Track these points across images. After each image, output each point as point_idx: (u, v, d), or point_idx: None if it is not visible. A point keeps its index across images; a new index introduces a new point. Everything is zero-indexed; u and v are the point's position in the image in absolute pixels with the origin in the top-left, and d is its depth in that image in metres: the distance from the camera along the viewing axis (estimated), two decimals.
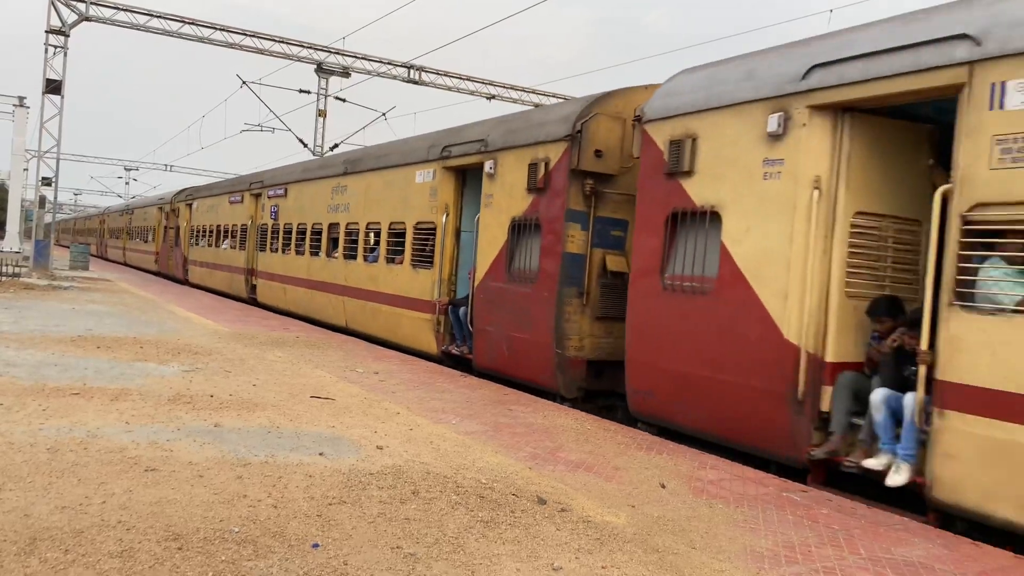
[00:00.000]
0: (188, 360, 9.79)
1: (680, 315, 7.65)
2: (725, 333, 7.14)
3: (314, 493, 4.92)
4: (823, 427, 6.46)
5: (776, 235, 6.69)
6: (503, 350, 10.36)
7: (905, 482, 5.75)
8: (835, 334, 6.46)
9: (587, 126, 9.13)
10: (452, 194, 11.90)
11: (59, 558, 3.66)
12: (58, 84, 26.20)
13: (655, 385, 7.95)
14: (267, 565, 3.77)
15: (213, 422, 6.60)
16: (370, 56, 31.45)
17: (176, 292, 23.21)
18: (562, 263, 9.31)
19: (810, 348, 6.47)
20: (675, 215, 7.78)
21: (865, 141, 6.50)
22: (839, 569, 4.41)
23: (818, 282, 6.45)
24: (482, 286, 10.85)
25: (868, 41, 6.26)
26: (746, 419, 6.91)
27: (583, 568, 4.11)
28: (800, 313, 6.48)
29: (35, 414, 6.36)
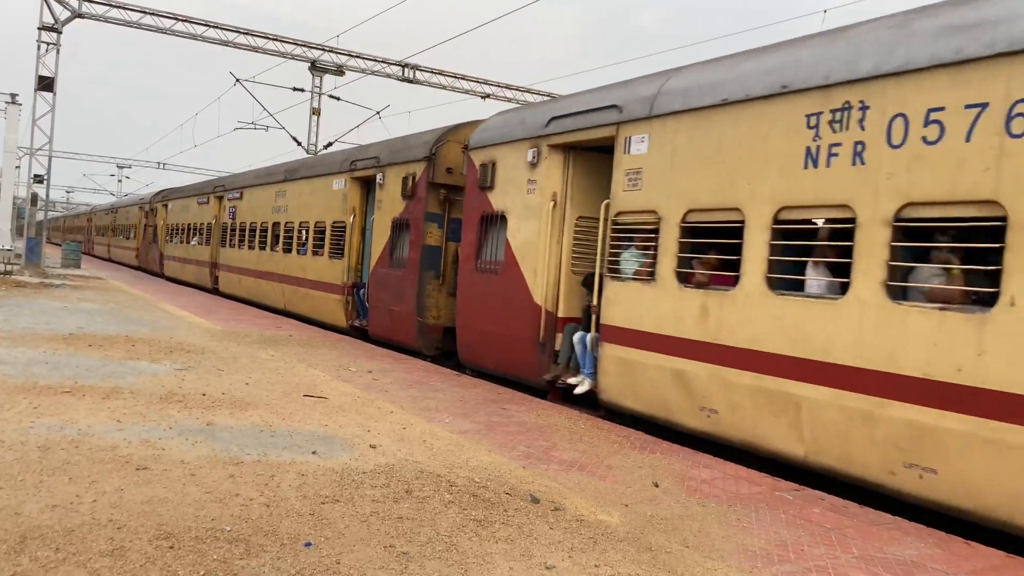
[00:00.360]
0: (181, 358, 9.75)
1: (484, 290, 10.72)
2: (506, 300, 10.18)
3: (307, 492, 4.91)
4: (555, 361, 9.52)
5: (533, 231, 9.76)
6: (387, 321, 13.27)
7: (587, 391, 8.80)
8: (563, 298, 9.60)
9: (440, 150, 12.18)
10: (358, 199, 14.91)
11: (50, 556, 3.64)
12: (51, 81, 26.08)
13: (472, 340, 11.01)
14: (259, 564, 3.76)
15: (205, 421, 6.57)
16: (364, 54, 31.41)
17: (170, 291, 23.14)
18: (423, 253, 12.28)
19: (549, 307, 9.61)
20: (483, 217, 10.79)
21: (581, 168, 9.57)
22: (832, 568, 4.42)
23: (554, 263, 9.58)
24: (374, 272, 13.91)
25: (577, 104, 9.41)
26: (515, 358, 10.02)
27: (576, 567, 4.10)
28: (544, 284, 9.60)
29: (26, 412, 6.32)
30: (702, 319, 7.34)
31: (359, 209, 14.90)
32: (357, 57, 31.28)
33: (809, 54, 6.76)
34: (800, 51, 6.92)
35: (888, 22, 6.32)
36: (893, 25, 6.21)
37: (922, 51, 5.78)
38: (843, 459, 6.06)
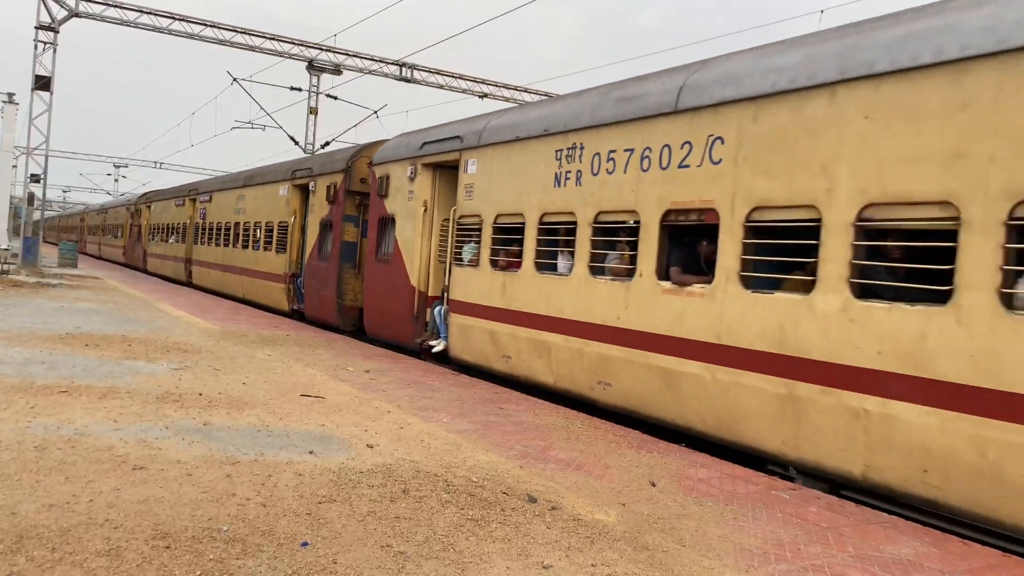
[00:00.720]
0: (177, 358, 9.74)
1: (381, 276, 13.53)
2: (394, 284, 13.00)
3: (304, 492, 4.91)
4: (426, 329, 12.24)
5: (411, 230, 12.62)
6: (317, 304, 16.15)
7: (442, 350, 11.57)
8: (432, 281, 12.30)
9: (354, 164, 15.11)
10: (298, 203, 17.60)
11: (46, 556, 3.64)
12: (47, 80, 26.05)
13: (374, 316, 13.90)
14: (256, 564, 3.76)
15: (202, 420, 6.57)
16: (362, 53, 31.39)
17: (166, 290, 23.12)
18: (342, 248, 15.09)
19: (422, 288, 12.39)
20: (381, 219, 13.62)
21: (444, 182, 12.30)
22: (828, 567, 4.43)
23: (425, 254, 12.39)
24: (307, 264, 16.87)
25: (438, 133, 12.36)
26: (400, 329, 12.88)
27: (573, 566, 4.10)
28: (418, 270, 12.41)
29: (22, 412, 6.31)
30: (503, 293, 10.32)
31: (298, 211, 17.62)
32: (355, 56, 31.26)
33: (561, 109, 9.75)
34: (558, 106, 9.97)
35: (600, 90, 9.36)
36: (600, 93, 9.23)
37: (608, 112, 8.80)
38: (569, 382, 9.08)
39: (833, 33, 6.74)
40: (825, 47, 6.58)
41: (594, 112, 9.00)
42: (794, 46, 7.01)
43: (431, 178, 12.43)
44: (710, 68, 7.82)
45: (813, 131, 6.45)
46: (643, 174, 8.14)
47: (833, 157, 6.25)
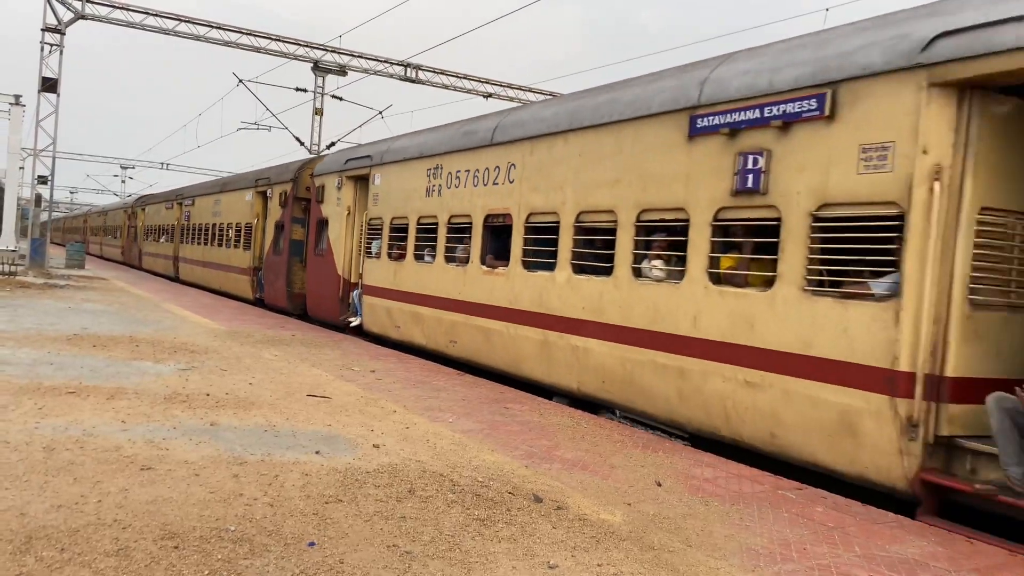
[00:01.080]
0: (184, 359, 9.78)
1: (318, 267, 16.47)
2: (327, 274, 15.85)
3: (310, 492, 4.93)
4: (348, 309, 15.15)
5: (339, 230, 15.43)
6: (272, 292, 19.00)
7: (358, 324, 14.50)
8: (354, 271, 15.00)
9: (300, 175, 17.88)
10: (260, 207, 20.37)
11: (55, 557, 3.66)
12: (54, 82, 26.15)
13: (313, 300, 16.88)
14: (263, 564, 3.78)
15: (209, 421, 6.60)
16: (367, 54, 31.43)
17: (172, 291, 23.20)
18: (291, 245, 17.94)
19: (346, 277, 15.27)
20: (319, 221, 16.51)
21: (362, 191, 15.01)
22: (834, 567, 4.43)
23: (349, 249, 15.16)
24: (266, 259, 19.75)
25: (356, 152, 15.50)
26: (330, 310, 15.72)
27: (579, 566, 4.11)
28: (344, 263, 15.23)
29: (31, 413, 6.35)
30: (394, 278, 13.37)
31: (261, 214, 20.36)
32: (360, 57, 31.30)
33: (432, 137, 12.84)
34: (430, 136, 13.03)
35: (456, 125, 12.51)
36: (455, 128, 12.35)
37: (457, 143, 11.85)
38: (434, 342, 12.08)
39: (572, 96, 10.13)
40: (566, 106, 9.81)
41: (450, 142, 12.12)
42: (553, 104, 10.57)
43: (353, 188, 15.37)
44: (512, 114, 11.15)
45: (557, 162, 9.54)
46: (475, 189, 11.21)
47: (565, 180, 9.33)
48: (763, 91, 6.87)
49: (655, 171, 7.95)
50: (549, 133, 9.66)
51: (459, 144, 11.77)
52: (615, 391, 8.38)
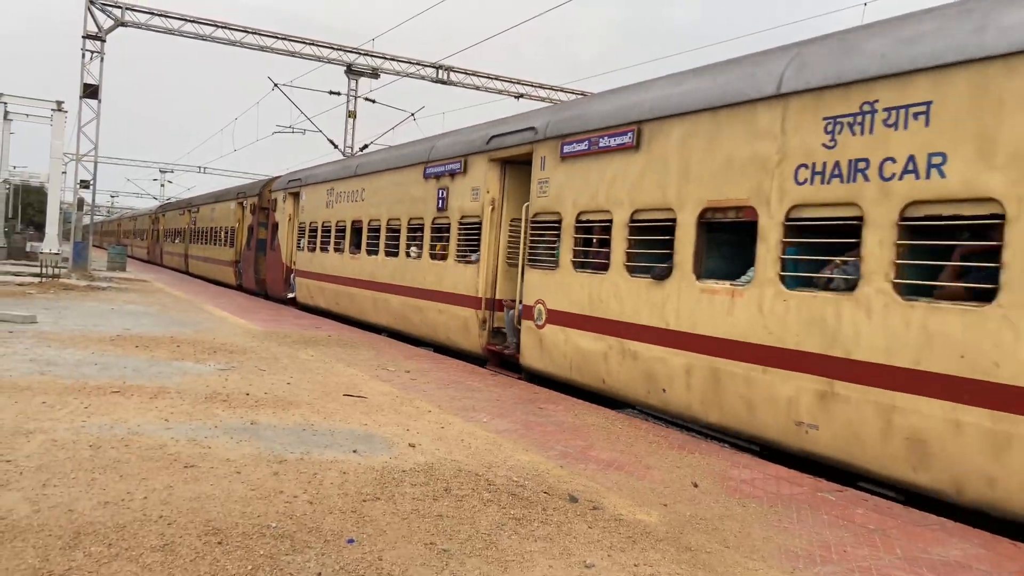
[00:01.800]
0: (224, 359, 9.95)
1: (271, 259, 22.70)
2: (277, 263, 21.87)
3: (348, 490, 4.99)
4: (289, 289, 20.90)
5: (285, 231, 21.32)
6: (247, 279, 25.29)
7: (292, 297, 20.88)
8: (295, 261, 20.85)
9: (263, 191, 23.87)
10: (240, 214, 26.60)
11: (103, 552, 3.76)
12: (95, 88, 26.73)
13: (270, 283, 22.81)
14: (304, 560, 3.84)
15: (249, 420, 6.71)
16: (399, 57, 31.66)
17: (210, 293, 23.59)
18: (258, 243, 24.17)
19: (289, 265, 21.16)
20: (274, 225, 22.53)
21: (297, 203, 21.55)
22: (875, 569, 4.37)
23: (290, 245, 21.16)
24: (242, 253, 26.16)
25: (295, 175, 22.34)
26: (279, 289, 21.67)
27: (615, 566, 4.12)
28: (287, 254, 21.31)
29: (77, 412, 6.51)
30: (320, 264, 18.36)
31: (241, 220, 26.73)
32: (392, 60, 31.54)
33: (330, 169, 18.84)
34: (329, 167, 19.22)
35: (343, 162, 18.87)
36: (344, 162, 19.09)
37: (342, 173, 17.84)
38: (363, 315, 16.08)
39: (390, 149, 15.62)
40: (384, 156, 15.63)
41: (338, 172, 18.20)
42: (380, 154, 16.15)
43: (293, 201, 21.24)
44: (365, 158, 17.67)
45: (379, 189, 15.43)
46: (347, 204, 17.42)
47: (382, 200, 15.33)
48: (448, 156, 13.09)
49: (413, 195, 14.19)
50: (376, 171, 16.04)
51: (342, 174, 18.01)
52: (399, 324, 14.77)
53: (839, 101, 6.44)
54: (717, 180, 7.55)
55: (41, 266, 25.27)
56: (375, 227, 15.75)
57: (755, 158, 7.16)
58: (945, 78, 5.69)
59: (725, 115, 7.55)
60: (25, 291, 18.33)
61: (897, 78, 6.01)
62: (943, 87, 5.70)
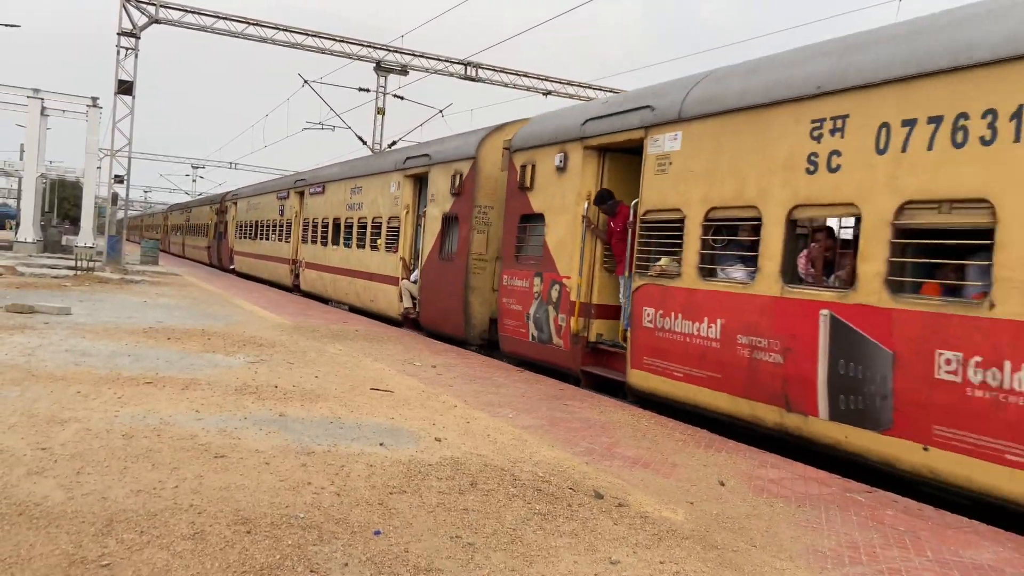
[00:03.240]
0: (253, 352, 10.06)
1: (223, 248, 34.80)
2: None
3: (375, 482, 5.03)
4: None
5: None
6: (215, 260, 36.52)
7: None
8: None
9: (223, 200, 37.16)
10: (213, 215, 37.37)
11: (135, 539, 3.82)
12: (130, 85, 27.15)
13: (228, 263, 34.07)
14: (331, 550, 3.88)
15: (278, 412, 6.78)
16: (428, 54, 31.76)
17: (240, 287, 23.86)
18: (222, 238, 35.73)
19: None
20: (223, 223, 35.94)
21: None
22: (905, 570, 4.32)
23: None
24: (208, 242, 39.50)
25: (251, 190, 33.04)
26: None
27: (641, 563, 4.10)
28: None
29: (110, 402, 6.63)
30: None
31: (212, 219, 37.57)
32: (421, 56, 31.65)
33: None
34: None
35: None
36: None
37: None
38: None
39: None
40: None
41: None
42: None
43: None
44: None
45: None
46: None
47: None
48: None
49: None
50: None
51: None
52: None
53: None
54: None
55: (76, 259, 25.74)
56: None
57: None
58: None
59: None
60: (60, 283, 18.69)
61: None
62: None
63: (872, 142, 6.30)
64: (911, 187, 5.97)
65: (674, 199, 8.45)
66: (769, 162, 7.27)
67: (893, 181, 6.10)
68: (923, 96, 5.95)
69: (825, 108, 6.76)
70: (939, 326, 5.67)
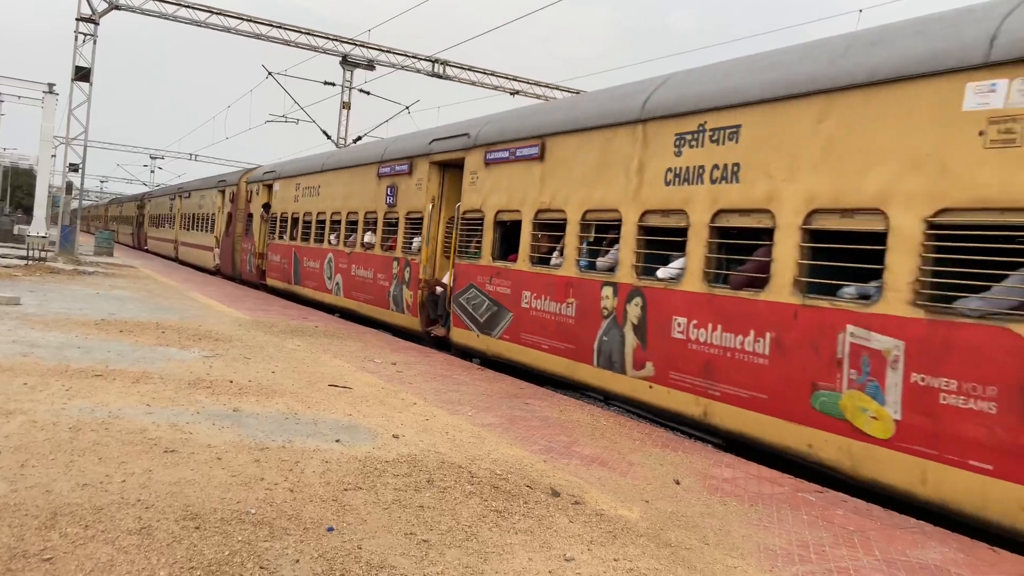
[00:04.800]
0: (208, 346, 9.89)
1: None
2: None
3: (330, 478, 4.97)
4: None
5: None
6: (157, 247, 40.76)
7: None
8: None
9: (147, 198, 46.51)
10: (179, 207, 35.48)
11: (79, 533, 3.73)
12: (87, 72, 26.52)
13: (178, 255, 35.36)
14: (283, 547, 3.82)
15: (232, 407, 6.67)
16: (395, 49, 31.55)
17: (197, 280, 23.45)
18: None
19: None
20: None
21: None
22: (853, 570, 4.39)
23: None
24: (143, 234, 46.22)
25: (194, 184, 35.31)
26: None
27: (595, 560, 4.11)
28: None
29: (58, 394, 6.46)
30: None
31: (180, 211, 35.16)
32: (388, 52, 31.43)
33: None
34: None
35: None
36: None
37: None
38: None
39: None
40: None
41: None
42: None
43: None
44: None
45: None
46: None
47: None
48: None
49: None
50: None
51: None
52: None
53: None
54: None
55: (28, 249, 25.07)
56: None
57: None
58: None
59: None
60: (11, 273, 18.18)
61: None
62: None
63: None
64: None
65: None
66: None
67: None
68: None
69: (298, 179, 18.91)
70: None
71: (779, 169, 6.78)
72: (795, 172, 6.64)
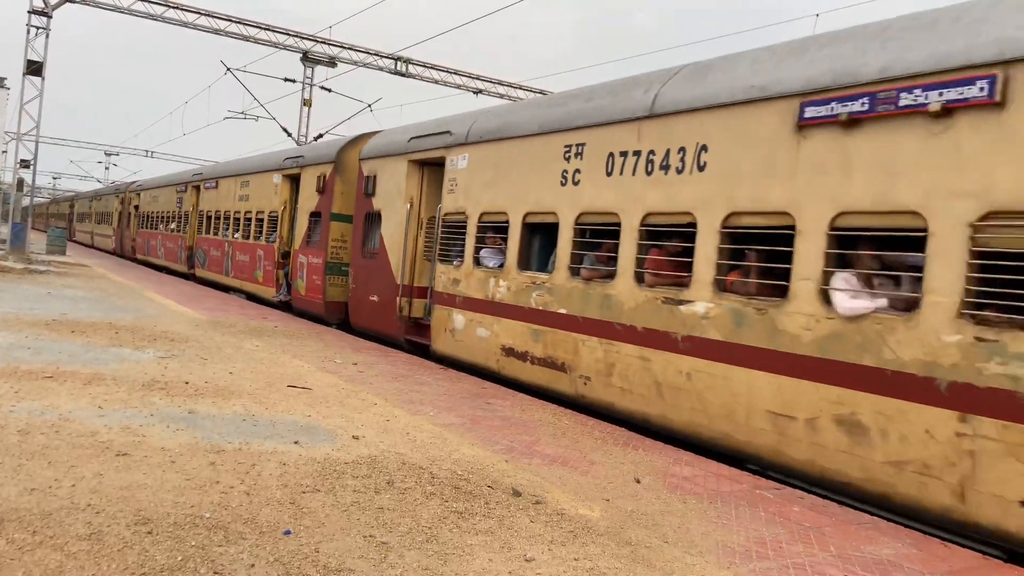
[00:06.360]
0: (164, 347, 9.69)
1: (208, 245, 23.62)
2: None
3: (288, 481, 4.90)
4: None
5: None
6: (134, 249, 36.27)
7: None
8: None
9: (125, 192, 37.66)
10: (120, 205, 37.67)
11: (26, 539, 3.62)
12: (39, 65, 25.86)
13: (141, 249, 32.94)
14: (238, 551, 3.75)
15: (187, 408, 6.54)
16: (357, 46, 31.29)
17: (153, 279, 23.00)
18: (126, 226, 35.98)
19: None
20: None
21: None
22: (809, 565, 4.45)
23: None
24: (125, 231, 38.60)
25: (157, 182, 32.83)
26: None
27: (555, 560, 4.11)
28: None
29: (6, 396, 6.27)
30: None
31: (118, 210, 37.82)
32: (350, 49, 31.17)
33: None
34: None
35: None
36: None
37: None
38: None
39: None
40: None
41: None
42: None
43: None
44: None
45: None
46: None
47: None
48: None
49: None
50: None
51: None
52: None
53: None
54: None
55: None
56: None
57: None
58: None
59: None
60: None
61: None
62: None
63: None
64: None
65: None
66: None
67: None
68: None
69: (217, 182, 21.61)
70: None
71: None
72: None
